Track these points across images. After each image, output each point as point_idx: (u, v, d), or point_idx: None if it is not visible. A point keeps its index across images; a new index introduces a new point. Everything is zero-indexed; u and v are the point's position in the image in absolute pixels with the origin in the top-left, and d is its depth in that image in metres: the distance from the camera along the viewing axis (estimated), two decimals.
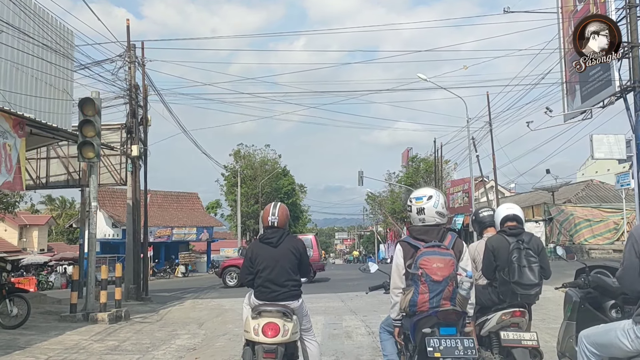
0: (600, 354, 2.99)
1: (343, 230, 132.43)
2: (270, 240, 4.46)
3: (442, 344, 3.21)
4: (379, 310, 10.10)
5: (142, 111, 16.51)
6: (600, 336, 3.01)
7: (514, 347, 3.98)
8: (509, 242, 4.07)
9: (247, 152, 48.67)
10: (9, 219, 53.88)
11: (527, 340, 3.99)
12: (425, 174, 46.67)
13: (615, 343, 2.86)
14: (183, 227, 38.77)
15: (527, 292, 3.96)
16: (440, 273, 3.29)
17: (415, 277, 3.35)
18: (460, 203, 34.29)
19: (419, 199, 3.64)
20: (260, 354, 4.08)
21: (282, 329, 4.15)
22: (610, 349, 2.92)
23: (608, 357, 2.97)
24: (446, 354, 3.18)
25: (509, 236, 4.14)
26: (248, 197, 46.93)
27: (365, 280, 20.27)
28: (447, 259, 3.34)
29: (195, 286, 22.07)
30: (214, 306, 12.13)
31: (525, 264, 3.94)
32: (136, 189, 16.09)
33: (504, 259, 4.03)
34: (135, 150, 15.77)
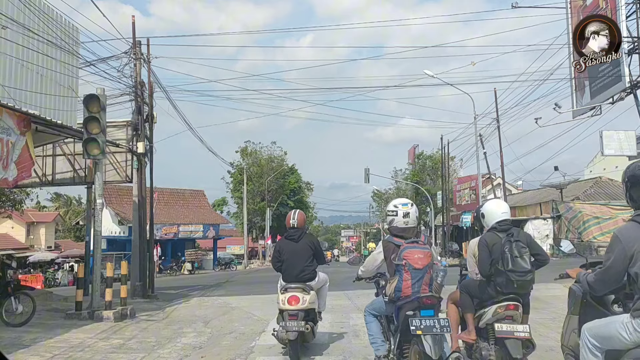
0: (600, 346, 3.14)
1: (349, 228, 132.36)
2: (293, 237, 6.16)
3: (423, 323, 4.00)
4: None
5: (148, 108, 16.45)
6: (601, 329, 3.15)
7: (507, 338, 4.32)
8: (501, 237, 4.46)
9: (254, 149, 48.64)
10: (16, 216, 54.20)
11: (519, 332, 4.32)
12: (432, 171, 46.52)
13: (615, 336, 3.01)
14: (189, 224, 38.83)
15: (522, 278, 4.30)
16: (420, 262, 4.17)
17: (400, 267, 4.19)
18: (467, 200, 34.10)
19: (405, 205, 4.60)
20: (286, 317, 5.70)
21: (301, 300, 5.74)
22: (610, 341, 3.07)
23: (608, 349, 3.11)
24: (426, 331, 3.98)
25: (499, 232, 4.53)
26: (254, 195, 46.96)
27: None
28: (426, 251, 4.23)
29: (201, 283, 22.04)
30: (221, 304, 12.07)
31: (517, 254, 4.30)
32: (142, 186, 16.04)
33: (498, 252, 4.39)
34: (141, 147, 15.73)
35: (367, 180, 43.55)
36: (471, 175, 33.76)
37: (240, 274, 31.57)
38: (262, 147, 48.89)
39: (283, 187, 49.13)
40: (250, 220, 46.81)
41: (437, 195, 43.22)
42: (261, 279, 23.84)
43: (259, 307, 11.05)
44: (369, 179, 43.67)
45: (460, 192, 35.31)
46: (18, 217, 54.18)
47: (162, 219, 37.84)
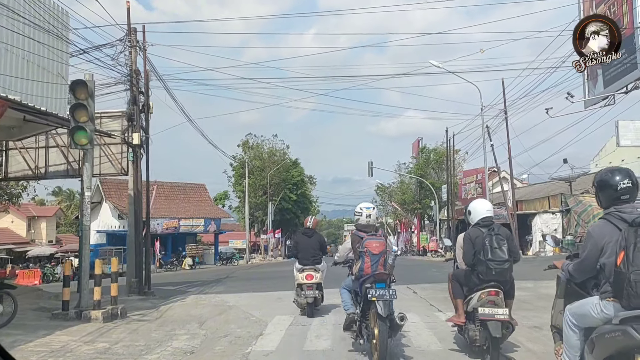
0: (577, 323, 3.64)
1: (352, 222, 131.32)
2: (307, 234, 8.96)
3: (377, 292, 5.23)
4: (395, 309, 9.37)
5: (144, 97, 15.80)
6: (578, 309, 3.66)
7: (489, 320, 5.03)
8: (483, 232, 5.21)
9: (256, 142, 47.90)
10: (16, 211, 53.77)
11: (499, 314, 5.02)
12: (436, 165, 45.75)
13: (588, 314, 3.52)
14: (190, 218, 38.26)
15: (500, 266, 5.03)
16: (377, 249, 5.42)
17: (362, 253, 5.47)
18: (473, 194, 33.40)
19: (368, 208, 5.89)
20: (305, 288, 8.46)
21: (314, 277, 8.53)
22: (585, 319, 3.58)
23: (584, 326, 3.59)
24: (379, 298, 5.20)
25: (482, 227, 5.29)
26: (256, 188, 46.28)
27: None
28: (381, 241, 5.53)
29: (201, 279, 21.48)
30: (218, 302, 11.45)
31: (496, 246, 5.04)
32: (138, 178, 15.42)
33: (480, 244, 5.13)
34: (136, 138, 15.09)
35: (371, 173, 42.93)
36: (477, 169, 33.06)
37: (241, 269, 31.01)
38: (263, 140, 48.19)
39: (285, 180, 48.38)
40: (252, 214, 46.19)
41: (441, 189, 42.55)
42: (262, 274, 23.26)
43: (258, 306, 10.44)
44: (373, 173, 43.06)
45: (466, 186, 34.61)
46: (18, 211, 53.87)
47: (162, 213, 37.29)
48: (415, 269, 21.42)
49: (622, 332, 3.20)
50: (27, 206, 58.10)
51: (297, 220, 55.53)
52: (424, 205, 47.63)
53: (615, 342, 3.26)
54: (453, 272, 5.87)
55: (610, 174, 3.60)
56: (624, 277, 3.18)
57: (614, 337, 3.26)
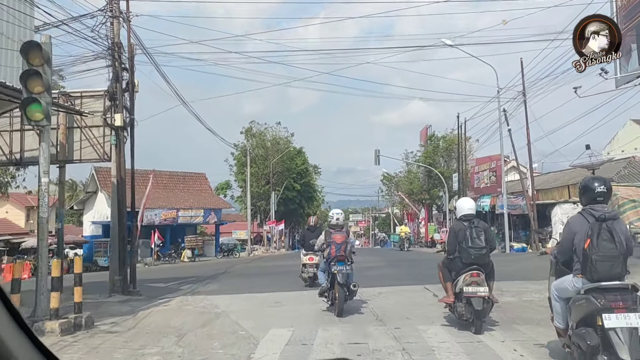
0: (559, 295, 4.79)
1: (357, 212, 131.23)
2: (311, 229, 12.09)
3: (338, 267, 8.00)
4: (413, 317, 7.75)
5: (128, 74, 14.14)
6: (559, 284, 4.84)
7: (472, 297, 6.35)
8: (465, 225, 6.68)
9: (259, 130, 46.05)
10: (15, 200, 52.41)
11: (480, 292, 6.33)
12: (445, 153, 43.86)
13: (566, 288, 4.68)
14: (190, 209, 36.66)
15: (478, 252, 6.49)
16: (339, 240, 8.24)
17: (330, 242, 8.32)
18: (486, 183, 31.63)
19: (338, 213, 9.20)
20: (308, 266, 11.92)
21: (314, 258, 11.46)
22: (563, 292, 4.74)
23: (564, 297, 4.71)
24: (339, 271, 7.97)
25: (464, 221, 6.78)
26: (259, 178, 44.57)
27: (389, 269, 17.90)
28: (343, 235, 8.46)
29: (197, 274, 19.93)
30: (206, 307, 9.83)
31: (475, 236, 6.52)
32: (121, 165, 13.81)
33: (462, 235, 6.57)
34: (119, 119, 13.46)
35: (378, 162, 41.25)
36: (491, 156, 31.22)
37: (242, 262, 29.43)
38: (267, 127, 46.31)
39: (289, 170, 46.61)
40: (254, 204, 44.56)
41: (452, 178, 40.80)
42: (262, 269, 21.67)
43: (252, 313, 8.83)
44: (380, 161, 41.36)
45: (479, 174, 32.78)
46: (16, 201, 52.46)
47: (160, 203, 35.72)
48: (428, 264, 19.74)
49: (586, 300, 4.21)
50: (25, 196, 56.83)
51: (301, 211, 53.86)
52: (432, 195, 45.89)
53: (583, 308, 4.26)
54: (443, 261, 7.14)
55: (591, 180, 4.62)
56: (588, 257, 4.22)
57: (582, 303, 4.26)
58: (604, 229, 4.26)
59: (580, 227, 4.41)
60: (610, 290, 4.14)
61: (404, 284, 12.31)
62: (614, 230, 4.27)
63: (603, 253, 4.18)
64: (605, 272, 4.17)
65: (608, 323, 4.01)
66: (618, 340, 3.96)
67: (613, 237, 4.23)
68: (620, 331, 3.97)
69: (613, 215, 4.42)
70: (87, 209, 39.03)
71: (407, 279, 13.43)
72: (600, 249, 4.17)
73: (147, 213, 33.52)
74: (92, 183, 36.02)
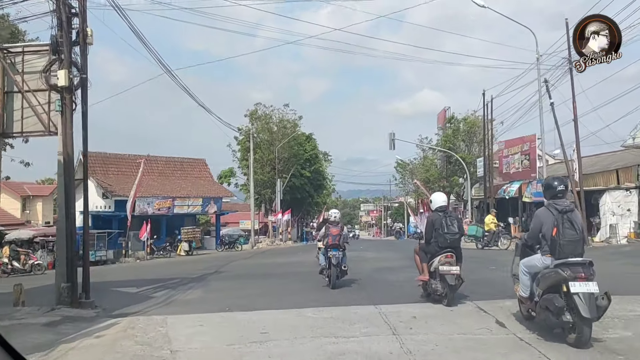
0: (528, 271, 5.99)
1: (368, 202, 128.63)
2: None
3: (333, 253, 10.49)
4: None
5: (79, 21, 10.85)
6: (528, 262, 6.03)
7: (446, 274, 7.61)
8: (440, 215, 7.94)
9: (265, 112, 42.52)
10: (10, 189, 49.66)
11: (453, 270, 7.60)
12: (466, 136, 40.22)
13: (535, 265, 5.87)
14: (187, 197, 33.49)
15: (452, 237, 7.79)
16: (335, 232, 10.76)
17: (328, 234, 10.84)
18: (517, 167, 28.10)
19: (335, 212, 11.52)
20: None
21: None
22: (532, 268, 5.92)
23: (532, 272, 5.92)
24: (333, 255, 10.48)
25: (439, 212, 8.02)
26: (263, 164, 41.22)
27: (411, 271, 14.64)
28: (338, 229, 10.88)
29: (185, 273, 16.81)
30: (153, 341, 6.48)
31: (450, 223, 7.81)
32: (68, 137, 10.61)
33: (439, 223, 7.82)
34: (63, 77, 10.24)
35: (393, 146, 37.85)
36: (524, 137, 27.66)
37: (243, 256, 26.21)
38: (273, 109, 42.76)
39: (297, 156, 43.18)
40: (258, 192, 41.30)
41: (474, 163, 37.30)
42: (261, 268, 18.39)
43: (223, 356, 5.55)
44: (395, 145, 37.94)
45: (508, 158, 29.23)
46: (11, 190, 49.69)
47: (154, 191, 32.63)
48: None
49: (555, 272, 5.45)
50: (22, 185, 54.10)
51: (310, 200, 50.55)
52: (451, 182, 42.40)
53: (552, 278, 5.49)
54: (419, 246, 8.50)
55: (552, 180, 6.09)
56: (557, 242, 5.51)
57: (550, 274, 5.52)
58: (566, 219, 5.57)
59: (547, 218, 5.71)
60: (574, 265, 5.41)
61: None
62: (574, 221, 5.61)
63: (568, 238, 5.50)
64: (570, 251, 5.48)
65: (574, 289, 5.22)
66: (581, 302, 5.15)
67: (574, 226, 5.56)
68: (582, 295, 5.18)
69: (571, 208, 5.77)
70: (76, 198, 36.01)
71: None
72: (565, 235, 5.50)
73: (140, 202, 30.45)
74: (79, 169, 32.89)
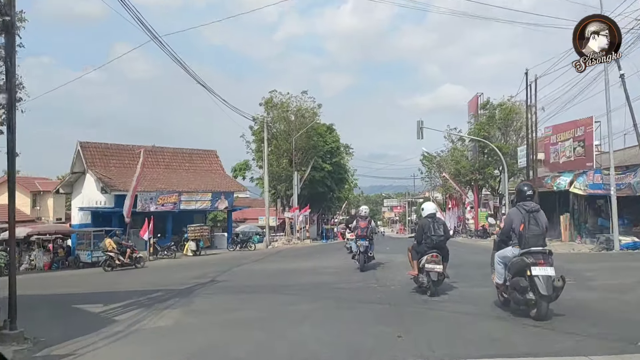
0: (502, 260, 7.40)
1: (391, 197, 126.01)
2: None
3: (361, 242, 14.08)
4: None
5: None
6: (502, 253, 7.43)
7: (431, 270, 9.09)
8: (429, 221, 9.55)
9: (281, 100, 39.22)
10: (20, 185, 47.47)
11: (437, 267, 9.11)
12: (502, 123, 36.47)
13: (507, 255, 7.29)
14: (195, 192, 30.49)
15: (439, 239, 9.35)
16: (364, 225, 14.29)
17: (357, 226, 14.63)
18: (569, 156, 24.36)
19: (365, 209, 15.82)
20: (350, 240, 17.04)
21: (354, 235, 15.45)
22: (505, 258, 7.33)
23: (504, 261, 7.32)
24: (362, 244, 14.06)
25: (428, 218, 9.63)
26: (280, 156, 38.01)
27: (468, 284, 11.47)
28: (366, 222, 14.42)
29: (174, 283, 13.77)
30: None
31: (436, 228, 9.44)
32: None
33: (427, 228, 9.44)
34: None
35: (421, 136, 34.33)
36: (577, 121, 23.92)
37: (253, 258, 22.96)
38: (290, 97, 39.44)
39: (316, 147, 39.85)
40: (274, 186, 38.21)
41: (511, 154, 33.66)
42: (269, 276, 14.74)
43: None
44: (423, 134, 34.43)
45: (557, 146, 25.50)
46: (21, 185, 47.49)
47: (158, 185, 29.73)
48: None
49: (521, 259, 6.86)
50: (32, 180, 51.95)
51: (331, 195, 47.28)
52: (485, 174, 38.71)
53: (519, 264, 6.89)
54: (412, 246, 9.97)
55: (522, 186, 7.56)
56: (523, 235, 6.93)
57: (517, 261, 6.94)
58: (532, 217, 7.04)
59: (517, 216, 7.16)
60: (536, 253, 6.84)
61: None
62: (538, 219, 7.05)
63: (532, 233, 6.93)
64: (533, 243, 6.90)
65: (534, 272, 6.67)
66: (540, 282, 6.60)
67: (537, 223, 7.02)
68: (541, 277, 6.62)
69: (537, 209, 7.18)
70: (75, 193, 33.33)
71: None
72: (530, 230, 6.94)
73: (142, 197, 27.54)
74: (77, 162, 30.17)
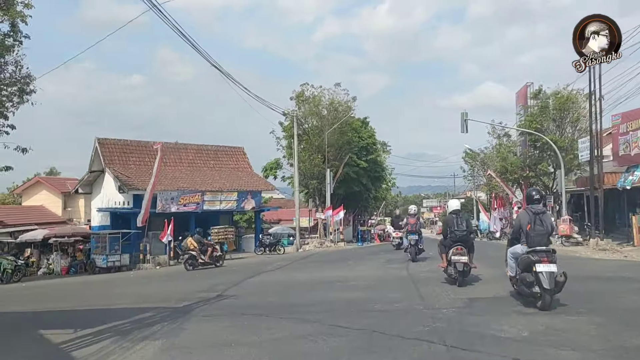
0: (513, 256, 8.24)
1: (429, 198, 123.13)
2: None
3: (412, 237, 16.88)
4: None
5: None
6: (513, 249, 8.28)
7: (457, 262, 10.21)
8: (454, 217, 10.61)
9: (313, 94, 36.75)
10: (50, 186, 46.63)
11: (462, 260, 10.18)
12: (557, 114, 32.91)
13: (517, 251, 8.12)
14: (219, 191, 28.28)
15: (462, 233, 10.40)
16: (413, 222, 17.37)
17: (407, 223, 17.82)
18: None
19: (414, 208, 19.25)
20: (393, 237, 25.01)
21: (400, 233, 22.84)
22: (515, 254, 8.16)
23: (515, 257, 8.15)
24: (411, 238, 16.92)
25: (453, 214, 10.73)
26: (312, 153, 35.49)
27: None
28: (415, 219, 17.58)
29: (175, 296, 11.43)
30: None
31: (460, 223, 10.48)
32: None
33: (452, 223, 10.50)
34: None
35: (465, 129, 31.29)
36: None
37: (278, 264, 20.47)
38: (322, 90, 36.87)
39: (350, 143, 37.19)
40: (305, 184, 35.77)
41: (570, 147, 30.21)
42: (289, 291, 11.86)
43: None
44: (467, 128, 31.39)
45: (628, 136, 22.13)
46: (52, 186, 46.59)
47: (180, 184, 27.68)
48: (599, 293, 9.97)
49: (527, 257, 7.67)
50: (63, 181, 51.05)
51: (367, 194, 44.50)
52: (538, 171, 35.22)
53: (525, 261, 7.71)
54: (441, 240, 11.16)
55: (530, 191, 8.38)
56: (529, 234, 7.79)
57: (525, 258, 7.73)
58: (538, 218, 7.84)
59: (525, 218, 8.00)
60: (540, 252, 7.62)
61: None
62: (543, 220, 7.85)
63: (537, 232, 7.78)
64: (538, 242, 7.73)
65: (539, 269, 7.47)
66: (544, 278, 7.40)
67: (542, 224, 7.82)
68: (545, 273, 7.42)
69: (543, 211, 7.99)
70: (95, 194, 31.64)
71: None
72: (536, 230, 7.79)
73: (162, 196, 25.49)
74: (96, 160, 28.40)
